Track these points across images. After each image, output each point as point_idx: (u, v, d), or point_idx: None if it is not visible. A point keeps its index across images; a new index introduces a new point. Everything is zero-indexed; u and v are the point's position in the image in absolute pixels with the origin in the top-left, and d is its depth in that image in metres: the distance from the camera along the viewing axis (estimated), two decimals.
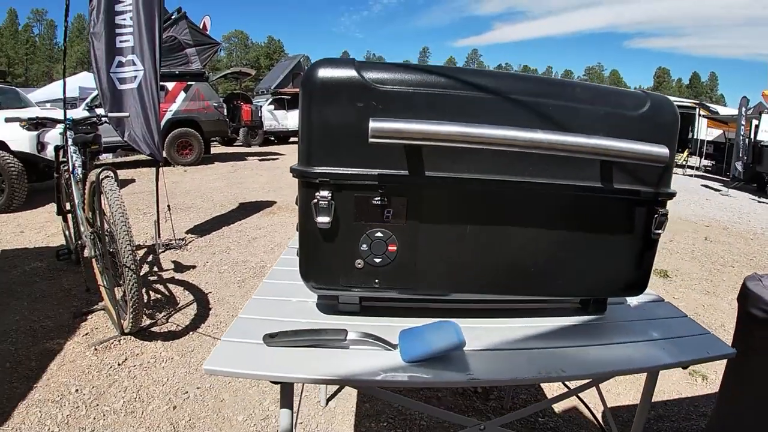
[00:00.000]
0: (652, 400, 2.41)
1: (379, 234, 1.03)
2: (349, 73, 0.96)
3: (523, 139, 0.92)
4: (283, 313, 1.17)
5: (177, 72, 10.82)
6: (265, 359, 0.96)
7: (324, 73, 0.97)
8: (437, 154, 0.99)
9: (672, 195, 1.15)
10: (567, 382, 1.62)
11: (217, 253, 4.49)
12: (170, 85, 10.57)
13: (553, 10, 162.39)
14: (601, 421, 1.97)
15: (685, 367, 1.15)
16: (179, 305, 3.25)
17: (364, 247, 1.03)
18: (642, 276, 1.21)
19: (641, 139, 1.03)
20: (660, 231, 1.15)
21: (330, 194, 0.99)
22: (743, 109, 12.95)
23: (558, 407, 2.33)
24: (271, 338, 0.99)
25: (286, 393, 1.01)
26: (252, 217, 5.99)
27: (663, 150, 1.00)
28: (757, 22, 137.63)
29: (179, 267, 4.02)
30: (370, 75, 0.97)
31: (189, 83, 10.92)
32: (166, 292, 3.46)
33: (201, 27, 13.18)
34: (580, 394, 1.96)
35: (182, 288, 3.54)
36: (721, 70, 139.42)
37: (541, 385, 2.46)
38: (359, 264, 1.04)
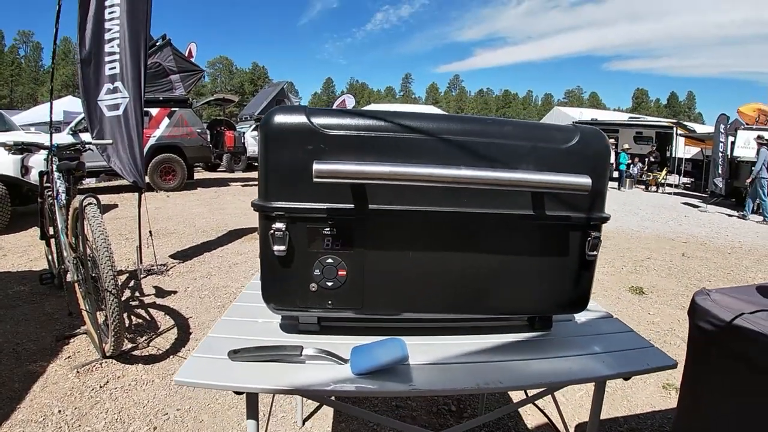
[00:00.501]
0: (626, 414, 2.50)
1: (329, 260, 1.14)
2: (300, 119, 1.09)
3: (447, 175, 1.04)
4: (249, 332, 1.28)
5: (161, 98, 10.91)
6: (230, 373, 1.06)
7: (279, 119, 1.09)
8: (379, 189, 1.10)
9: (605, 219, 1.25)
10: (528, 392, 1.71)
11: (198, 278, 4.54)
12: (154, 111, 10.66)
13: (532, 35, 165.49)
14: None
15: (626, 379, 1.24)
16: (160, 329, 3.30)
17: (317, 272, 1.15)
18: (582, 294, 1.31)
19: (571, 171, 1.14)
20: (594, 253, 1.25)
21: (285, 226, 1.11)
22: (722, 125, 13.24)
23: (530, 424, 2.40)
24: (235, 354, 1.10)
25: (252, 404, 1.12)
26: (233, 243, 6.05)
27: (585, 180, 1.11)
28: (731, 41, 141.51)
29: (160, 292, 4.06)
30: (318, 120, 1.09)
31: (173, 109, 11.01)
32: (148, 317, 3.51)
33: (187, 53, 13.33)
34: (547, 411, 2.06)
35: (163, 313, 3.59)
36: (699, 89, 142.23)
37: (513, 402, 2.53)
38: (313, 287, 1.16)
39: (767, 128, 13.25)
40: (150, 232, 4.74)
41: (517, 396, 2.57)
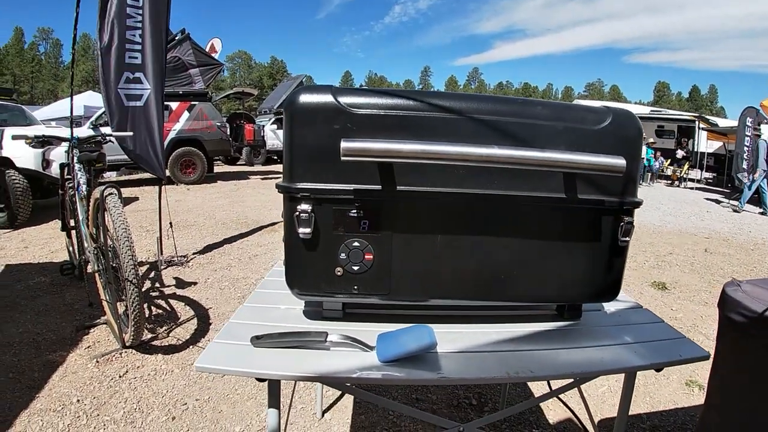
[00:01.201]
0: (649, 411, 2.45)
1: (356, 243, 1.11)
2: (326, 98, 1.06)
3: (479, 154, 1.00)
4: (271, 319, 1.25)
5: (181, 92, 10.97)
6: (252, 359, 1.03)
7: (304, 98, 1.06)
8: (407, 169, 1.07)
9: (637, 204, 1.20)
10: (552, 386, 1.67)
11: (218, 269, 4.55)
12: (174, 105, 10.72)
13: (551, 27, 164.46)
14: (588, 426, 2.01)
15: (658, 370, 1.19)
16: (180, 320, 3.30)
17: (343, 255, 1.11)
18: (613, 282, 1.26)
19: (603, 152, 1.09)
20: (627, 239, 1.21)
21: (310, 207, 1.07)
22: (748, 119, 12.84)
23: (552, 419, 2.37)
24: (257, 339, 1.07)
25: (273, 392, 1.08)
26: (253, 235, 6.06)
27: (619, 161, 1.06)
28: (753, 34, 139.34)
29: (181, 283, 4.08)
30: (345, 100, 1.06)
31: (192, 103, 11.07)
32: (168, 308, 3.52)
33: (209, 48, 13.39)
34: (570, 405, 2.02)
35: (183, 303, 3.60)
36: (720, 82, 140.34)
37: (535, 396, 2.49)
38: (339, 271, 1.12)
39: None
40: (170, 224, 4.77)
41: (538, 390, 2.53)
